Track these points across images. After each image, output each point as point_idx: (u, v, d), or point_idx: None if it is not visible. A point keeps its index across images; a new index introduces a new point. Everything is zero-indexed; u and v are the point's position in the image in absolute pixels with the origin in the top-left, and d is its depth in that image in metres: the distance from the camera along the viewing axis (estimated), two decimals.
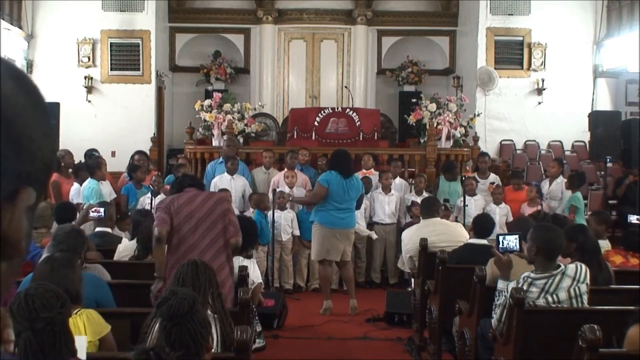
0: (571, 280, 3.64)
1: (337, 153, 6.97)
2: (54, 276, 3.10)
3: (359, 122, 9.49)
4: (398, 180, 8.55)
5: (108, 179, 8.17)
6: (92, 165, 7.44)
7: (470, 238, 5.41)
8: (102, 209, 5.48)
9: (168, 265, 4.20)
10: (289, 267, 7.90)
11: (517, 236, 4.04)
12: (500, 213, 7.84)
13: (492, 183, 8.44)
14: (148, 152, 9.42)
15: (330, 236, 6.69)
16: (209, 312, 3.18)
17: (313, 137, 9.46)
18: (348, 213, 6.70)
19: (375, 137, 9.68)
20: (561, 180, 8.29)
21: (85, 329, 3.06)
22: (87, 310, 3.16)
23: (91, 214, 5.39)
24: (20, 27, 11.38)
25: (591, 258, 4.24)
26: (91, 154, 8.67)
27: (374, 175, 8.31)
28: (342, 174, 6.60)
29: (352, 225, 6.84)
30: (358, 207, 7.06)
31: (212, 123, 9.62)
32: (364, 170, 8.30)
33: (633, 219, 6.29)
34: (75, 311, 3.07)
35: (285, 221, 7.78)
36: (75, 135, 10.33)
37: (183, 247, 4.27)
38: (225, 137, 9.27)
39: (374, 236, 7.93)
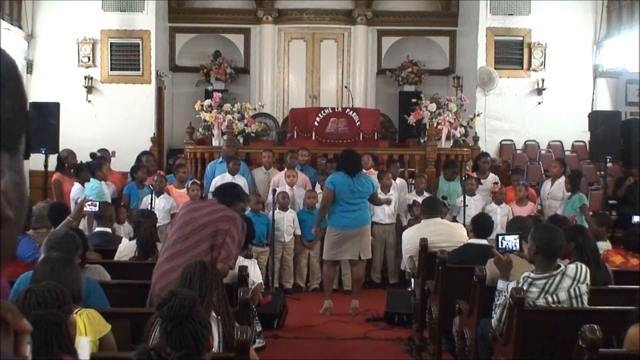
0: (571, 281, 3.64)
1: (343, 153, 7.01)
2: (53, 276, 3.09)
3: (359, 122, 9.49)
4: (398, 180, 8.56)
5: (117, 177, 8.18)
6: (94, 165, 7.44)
7: (470, 238, 5.41)
8: (97, 203, 5.47)
9: (157, 263, 4.16)
10: (290, 267, 7.91)
11: (516, 236, 4.04)
12: (502, 213, 7.84)
13: (496, 183, 8.43)
14: None
15: (344, 238, 6.68)
16: (212, 313, 3.18)
17: (313, 137, 9.46)
18: (359, 212, 6.66)
19: (375, 137, 9.68)
20: (563, 180, 8.27)
21: (86, 328, 3.05)
22: (87, 309, 3.15)
23: (86, 208, 5.36)
24: (20, 27, 11.38)
25: (590, 258, 4.24)
26: (94, 154, 8.67)
27: (373, 174, 8.31)
28: (347, 173, 6.61)
29: (366, 222, 6.79)
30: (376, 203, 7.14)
31: (212, 123, 9.62)
32: (363, 170, 8.29)
33: (637, 219, 6.29)
34: (75, 311, 3.07)
35: (287, 222, 7.78)
36: (75, 135, 10.32)
37: (169, 251, 4.12)
38: (225, 137, 9.28)
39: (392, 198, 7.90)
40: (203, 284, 3.20)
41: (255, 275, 4.97)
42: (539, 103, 11.96)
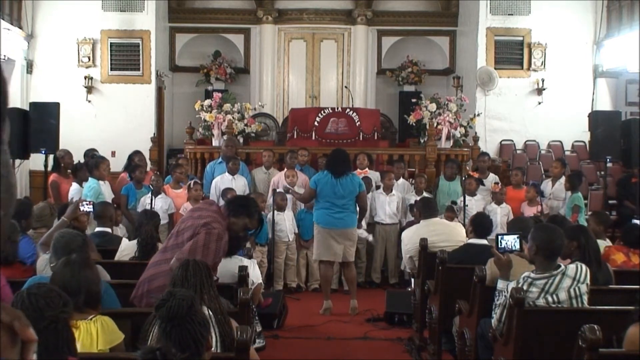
0: (571, 281, 3.64)
1: (331, 153, 7.03)
2: (75, 279, 3.04)
3: (359, 122, 9.49)
4: (401, 180, 8.56)
5: (107, 179, 8.17)
6: (91, 165, 7.43)
7: (469, 238, 5.40)
8: (92, 203, 5.47)
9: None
10: (295, 266, 7.92)
11: (516, 236, 4.04)
12: (502, 213, 7.84)
13: (497, 183, 8.43)
14: (148, 152, 9.43)
15: (327, 236, 6.70)
16: (208, 311, 3.17)
17: (313, 137, 9.46)
18: (345, 213, 6.67)
19: (375, 137, 9.68)
20: (564, 181, 8.27)
21: (98, 336, 3.00)
22: (102, 317, 3.08)
23: (81, 208, 5.35)
24: (20, 27, 11.38)
25: (592, 258, 4.25)
26: (93, 154, 8.67)
27: (369, 174, 8.31)
28: (332, 174, 6.62)
29: (351, 225, 6.79)
30: (364, 207, 7.01)
31: (212, 123, 9.62)
32: (359, 170, 8.29)
33: (637, 222, 6.29)
34: (90, 317, 3.03)
35: (289, 221, 7.79)
36: (75, 135, 10.33)
37: (161, 247, 4.31)
38: (225, 137, 9.28)
39: (370, 238, 7.94)
40: (185, 285, 3.17)
41: (255, 275, 4.97)
42: (539, 103, 11.97)
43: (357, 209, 6.87)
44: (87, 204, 5.34)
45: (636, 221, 6.35)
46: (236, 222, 4.21)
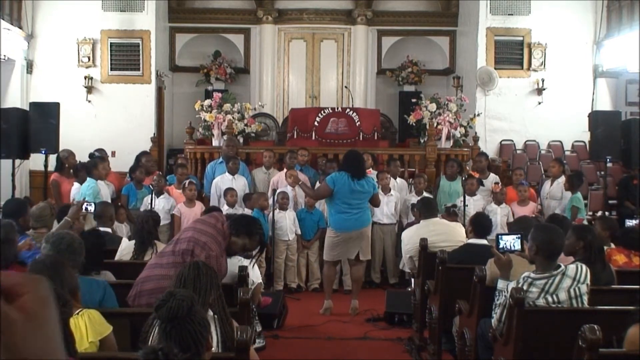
0: (571, 281, 3.64)
1: (348, 154, 6.91)
2: (48, 277, 3.05)
3: (359, 122, 9.49)
4: (399, 180, 8.55)
5: (114, 177, 8.17)
6: (90, 165, 7.44)
7: (469, 238, 5.40)
8: (92, 203, 5.48)
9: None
10: (295, 267, 7.91)
11: (516, 236, 4.04)
12: (502, 213, 7.83)
13: (497, 183, 8.42)
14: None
15: (342, 240, 6.67)
16: (210, 312, 3.17)
17: (313, 137, 9.46)
18: (359, 214, 6.62)
19: (375, 137, 9.68)
20: (562, 180, 8.27)
21: (87, 329, 3.02)
22: (88, 310, 3.11)
23: (83, 208, 5.34)
24: (20, 27, 11.39)
25: (596, 257, 4.25)
26: (93, 155, 8.68)
27: (372, 174, 8.30)
28: (350, 176, 6.57)
29: (367, 223, 6.74)
30: (376, 207, 7.08)
31: (212, 123, 9.62)
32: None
33: (630, 223, 6.29)
34: (77, 311, 3.04)
35: (289, 221, 7.79)
36: (75, 135, 10.32)
37: (158, 255, 4.32)
38: (225, 137, 9.28)
39: None
40: (197, 285, 3.18)
41: (255, 275, 4.97)
42: (539, 103, 11.97)
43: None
44: (89, 204, 5.35)
45: (630, 222, 6.33)
46: (236, 241, 4.23)
